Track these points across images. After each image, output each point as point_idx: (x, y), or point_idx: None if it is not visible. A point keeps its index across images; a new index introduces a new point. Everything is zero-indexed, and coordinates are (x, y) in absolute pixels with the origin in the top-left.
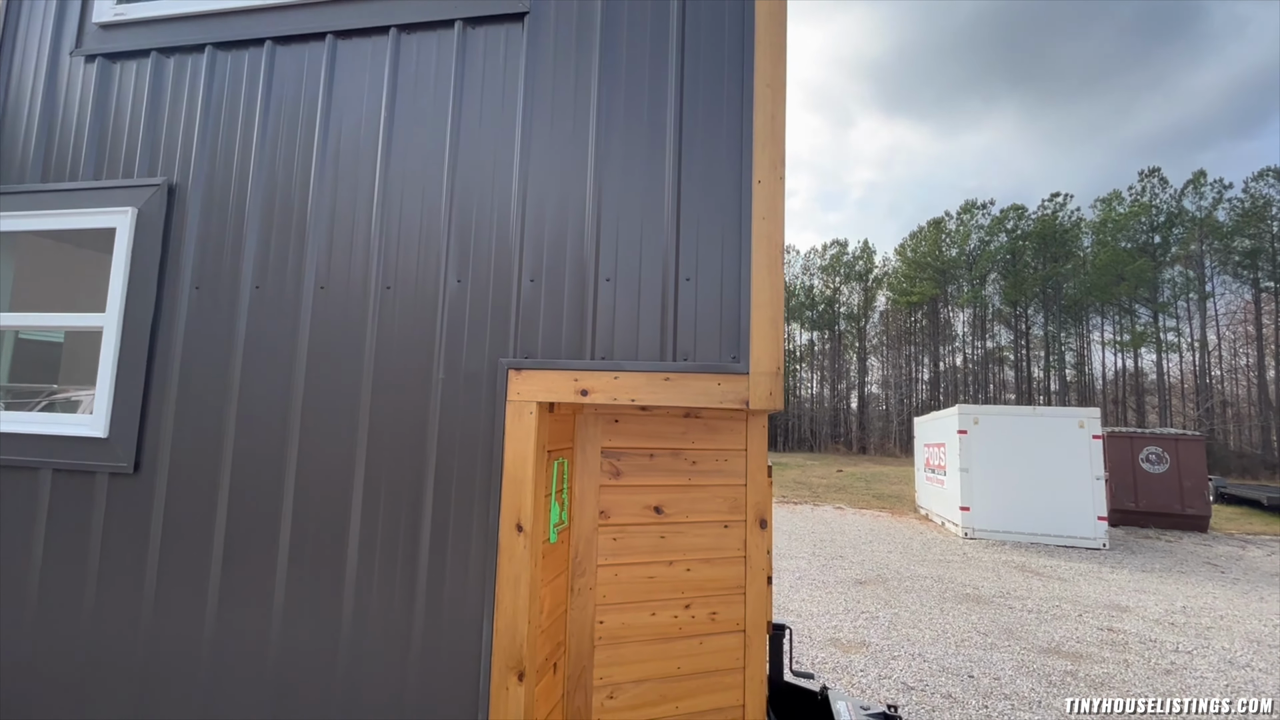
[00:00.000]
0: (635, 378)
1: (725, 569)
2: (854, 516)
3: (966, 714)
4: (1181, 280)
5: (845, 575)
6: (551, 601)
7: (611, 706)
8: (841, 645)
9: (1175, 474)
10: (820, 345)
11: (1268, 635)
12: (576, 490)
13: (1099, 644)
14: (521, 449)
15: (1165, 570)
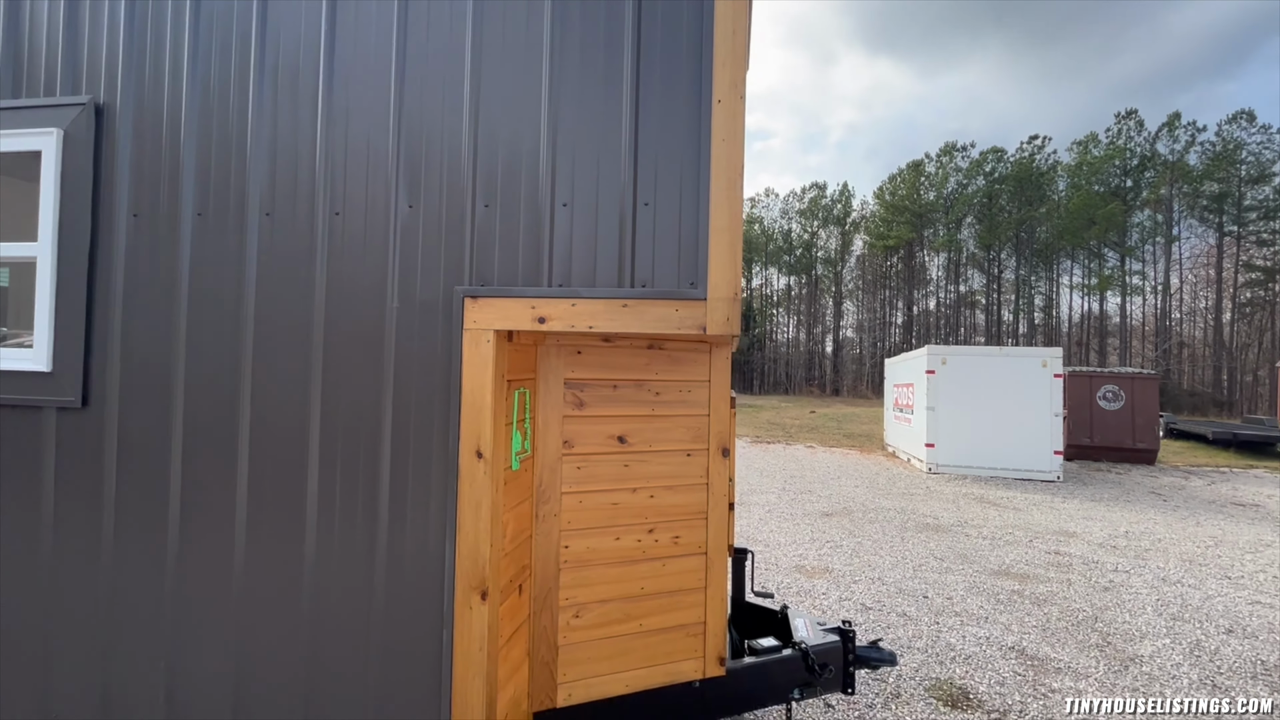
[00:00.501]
0: (593, 305)
1: (688, 495)
2: (824, 454)
3: (919, 630)
4: (1150, 224)
5: (813, 508)
6: (515, 527)
7: (577, 625)
8: (806, 571)
9: (1129, 411)
10: (797, 290)
11: (1199, 555)
12: (540, 421)
13: (1045, 566)
14: (479, 377)
15: (1112, 499)
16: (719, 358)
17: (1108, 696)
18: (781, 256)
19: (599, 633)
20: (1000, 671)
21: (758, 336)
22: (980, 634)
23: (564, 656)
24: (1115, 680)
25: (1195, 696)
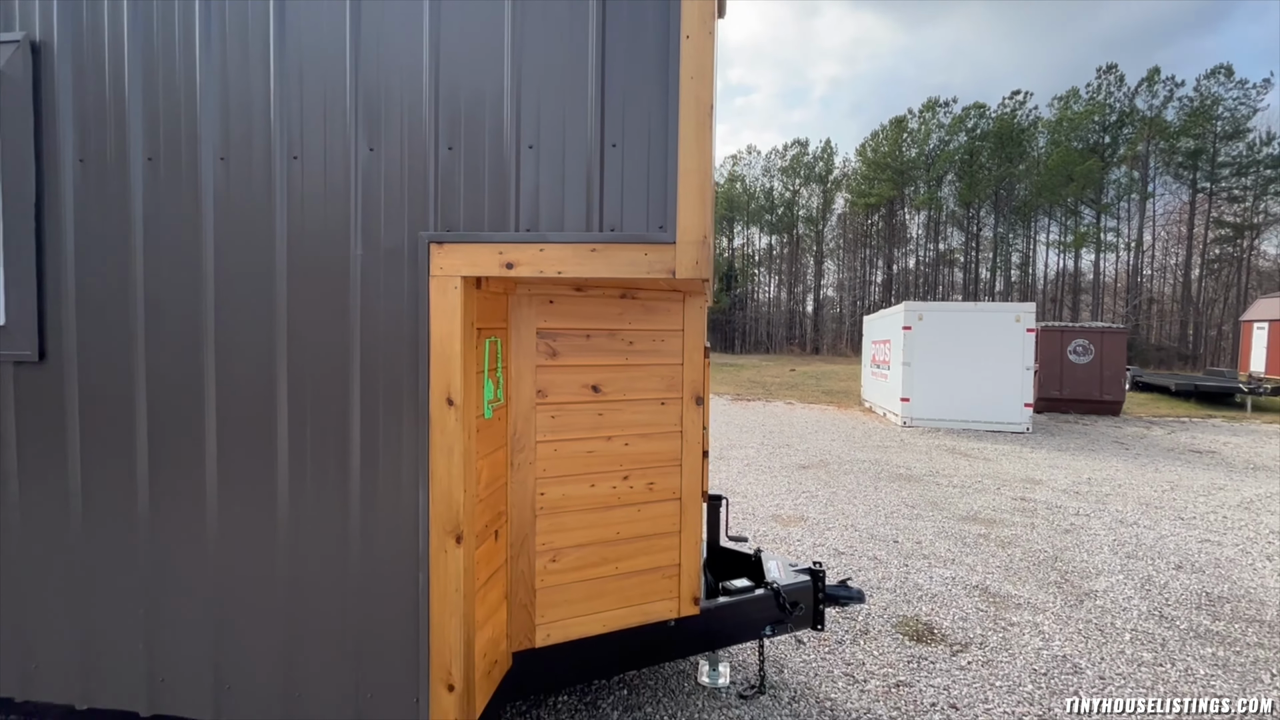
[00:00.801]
0: (562, 250)
1: (662, 443)
2: (803, 410)
3: (888, 572)
4: (1126, 181)
5: (790, 461)
6: (490, 474)
7: (554, 569)
8: (782, 520)
9: (1098, 364)
10: (779, 249)
11: (1156, 499)
12: (513, 370)
13: (1011, 511)
14: (448, 325)
15: (1078, 449)
16: (692, 307)
17: (1107, 697)
18: (763, 215)
19: (576, 576)
20: (964, 608)
21: (739, 296)
22: (946, 575)
23: (542, 599)
24: (1070, 614)
25: (1145, 625)
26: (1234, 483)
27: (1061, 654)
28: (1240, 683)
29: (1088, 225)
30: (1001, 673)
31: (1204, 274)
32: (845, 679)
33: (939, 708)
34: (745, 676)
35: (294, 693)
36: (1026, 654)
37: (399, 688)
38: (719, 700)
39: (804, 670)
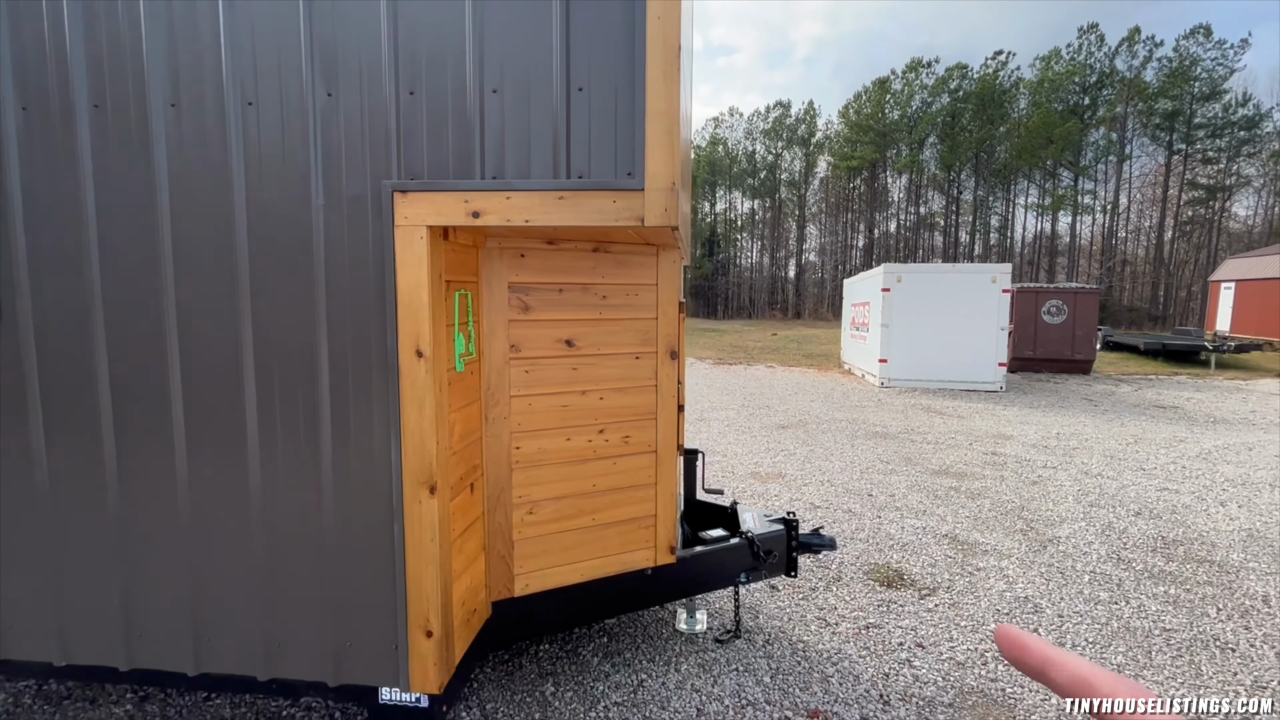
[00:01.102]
0: (528, 197)
1: (637, 397)
2: (783, 373)
3: (862, 524)
4: (1104, 143)
5: (769, 421)
6: (464, 428)
7: (531, 521)
8: (760, 477)
9: (1071, 324)
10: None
11: (1120, 451)
12: (485, 325)
13: (982, 465)
14: (415, 276)
15: (1048, 406)
16: (666, 261)
17: (1106, 698)
18: (745, 179)
19: (553, 527)
20: (933, 555)
21: (721, 261)
22: (917, 525)
23: (519, 550)
24: (1034, 558)
25: (1103, 568)
26: (1194, 436)
27: (1024, 595)
28: (1189, 617)
29: (1065, 188)
30: (966, 613)
31: (1176, 236)
32: (818, 623)
33: (906, 646)
34: (722, 623)
35: (275, 643)
36: (991, 596)
37: (378, 635)
38: (696, 645)
39: (779, 615)
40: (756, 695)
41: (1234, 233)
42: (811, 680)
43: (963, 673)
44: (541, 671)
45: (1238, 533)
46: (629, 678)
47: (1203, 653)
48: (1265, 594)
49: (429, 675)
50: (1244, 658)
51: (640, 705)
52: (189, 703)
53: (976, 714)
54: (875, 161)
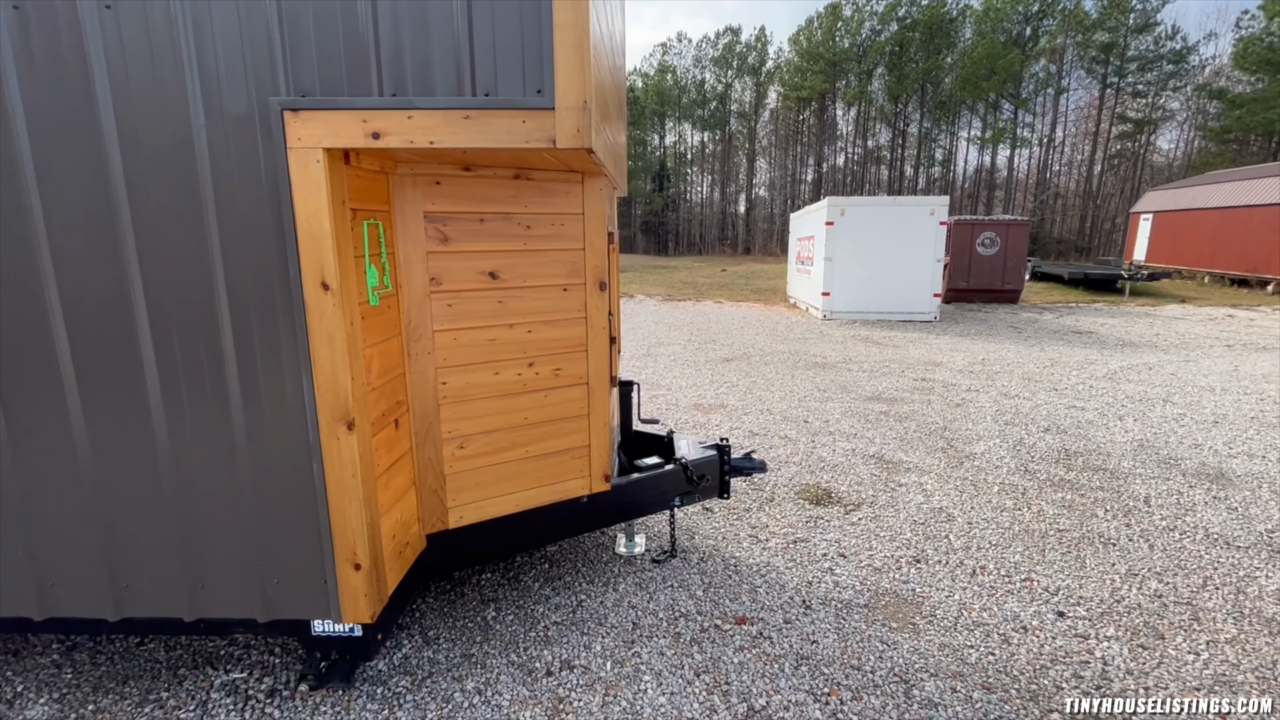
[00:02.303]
0: (432, 117)
1: (567, 330)
2: (731, 309)
3: (796, 448)
4: (1043, 75)
5: (714, 355)
6: (383, 363)
7: (462, 455)
8: (703, 408)
9: (1003, 255)
10: (712, 147)
11: (1037, 374)
12: (401, 257)
13: (911, 390)
14: (314, 203)
15: (977, 334)
16: (592, 189)
17: (1106, 697)
18: (695, 110)
19: (485, 461)
20: (860, 475)
21: (672, 197)
22: (848, 447)
23: (452, 484)
24: (951, 473)
25: (1011, 479)
26: (1104, 358)
27: (939, 506)
28: (1080, 519)
29: (1006, 120)
30: (886, 525)
31: (1104, 169)
32: (750, 540)
33: (829, 557)
34: (660, 545)
35: (197, 585)
36: (909, 509)
37: (306, 571)
38: (634, 566)
39: (713, 535)
40: (689, 607)
41: (1157, 166)
42: (741, 591)
43: (879, 577)
44: (483, 598)
45: (1130, 443)
46: (568, 599)
47: (1088, 549)
48: (1147, 495)
49: (360, 606)
50: (1122, 550)
51: (579, 623)
52: (121, 649)
53: (888, 612)
54: (825, 92)
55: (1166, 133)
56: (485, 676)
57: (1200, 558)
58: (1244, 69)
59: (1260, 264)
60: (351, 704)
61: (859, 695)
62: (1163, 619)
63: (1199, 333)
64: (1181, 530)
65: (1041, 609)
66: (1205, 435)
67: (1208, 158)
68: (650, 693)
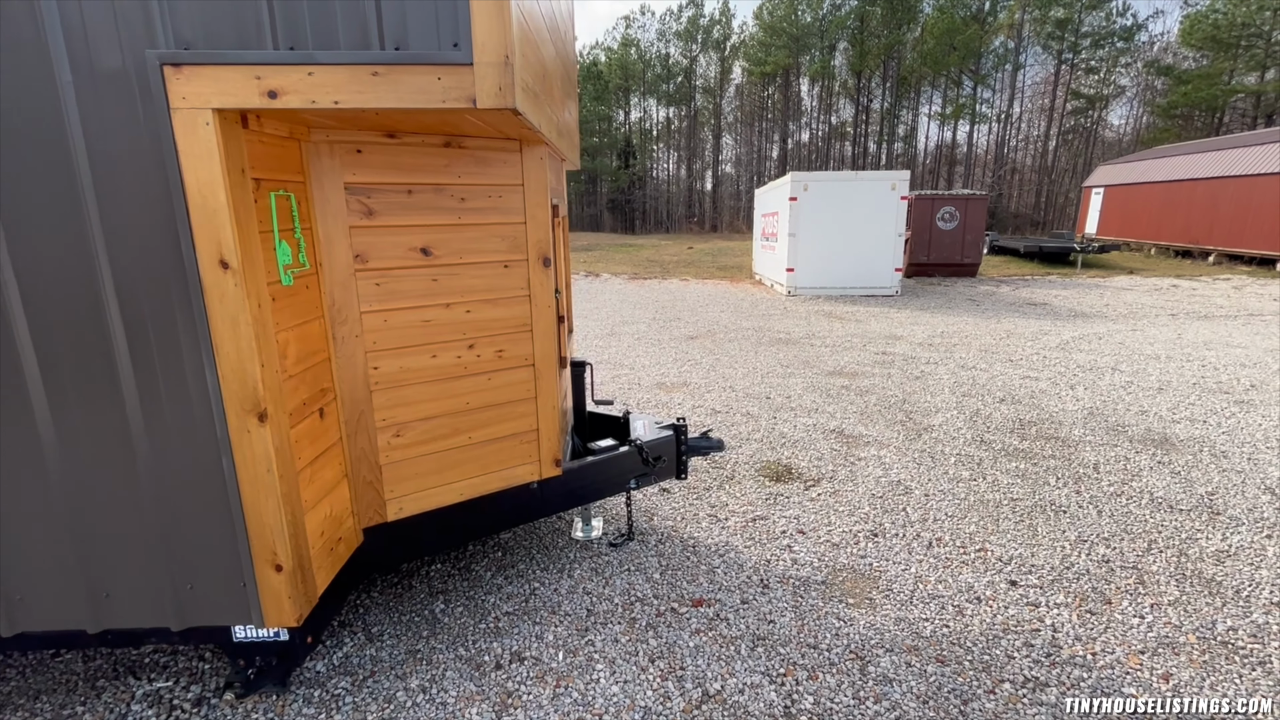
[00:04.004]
0: (335, 73)
1: (509, 309)
2: (696, 286)
3: (758, 425)
4: (1001, 51)
5: (679, 333)
6: (302, 348)
7: (399, 444)
8: (666, 387)
9: (962, 230)
10: (677, 123)
11: (994, 345)
12: (321, 232)
13: (872, 364)
14: (205, 171)
15: (936, 307)
16: (532, 158)
17: (1106, 697)
18: (660, 85)
19: (425, 449)
20: (820, 450)
21: (637, 174)
22: (809, 423)
23: (389, 474)
24: (909, 446)
25: (968, 450)
26: (1057, 329)
27: (897, 480)
28: (1032, 487)
29: (966, 96)
30: (845, 500)
31: (1059, 145)
32: (709, 519)
33: (788, 534)
34: (618, 528)
35: (100, 594)
36: (868, 483)
37: (222, 575)
38: (590, 551)
39: (672, 516)
40: (645, 591)
41: (1108, 141)
42: (699, 573)
43: (836, 553)
44: (432, 590)
45: (1081, 412)
46: (521, 588)
47: (1040, 517)
48: (1096, 463)
49: (284, 609)
50: (1073, 518)
51: (531, 613)
52: (34, 661)
53: (845, 588)
54: (789, 68)
55: (1117, 109)
56: (431, 673)
57: (1145, 522)
58: (1190, 45)
59: (1202, 236)
60: (286, 709)
61: (814, 674)
62: (1110, 584)
63: (1145, 303)
64: (1128, 496)
65: (995, 579)
66: (1151, 402)
67: (1155, 133)
68: (603, 682)
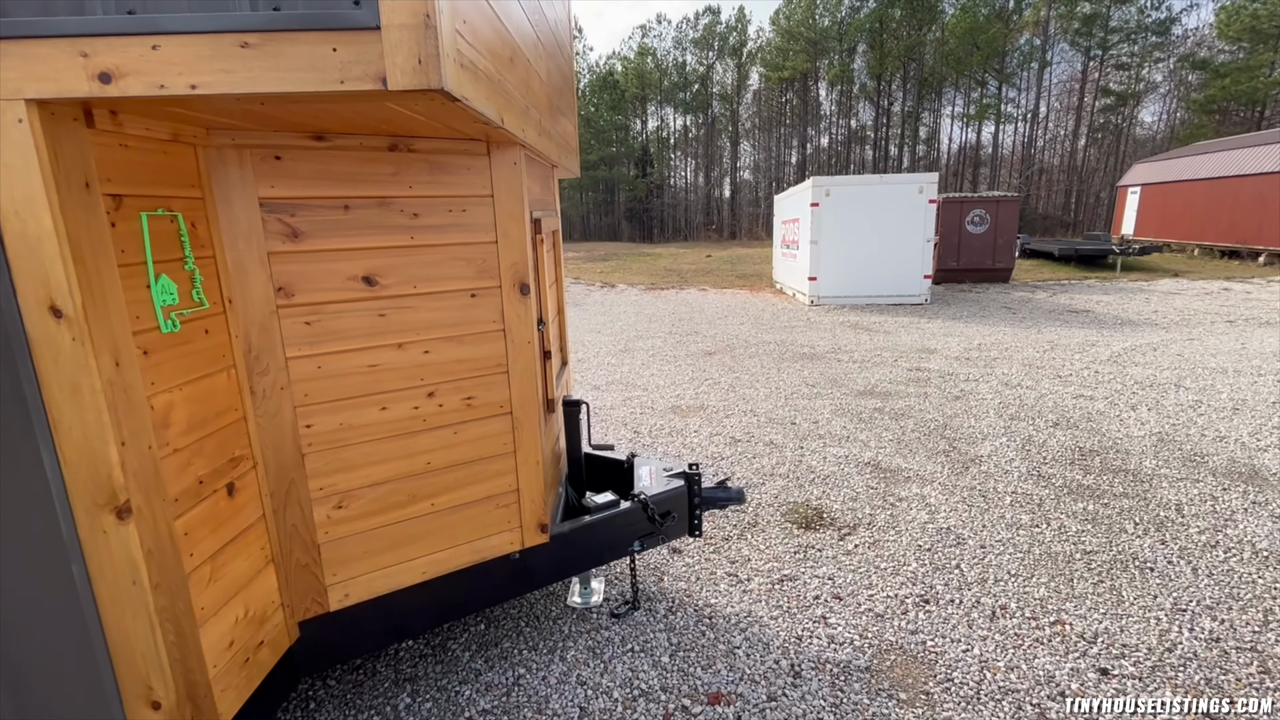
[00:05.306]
0: (190, 45)
1: (479, 347)
2: (715, 296)
3: (783, 456)
4: (1027, 49)
5: (696, 348)
6: (196, 411)
7: (343, 516)
8: (680, 411)
9: (993, 233)
10: (695, 131)
11: (1038, 359)
12: (229, 260)
13: (906, 382)
14: (24, 187)
15: (971, 316)
16: (503, 163)
17: (1106, 697)
18: (677, 93)
19: (376, 521)
20: (855, 487)
21: (655, 182)
22: (840, 453)
23: (330, 554)
24: (956, 482)
25: (1024, 486)
26: (1105, 339)
27: (946, 526)
28: (1107, 535)
29: (990, 96)
30: (887, 554)
31: (1089, 144)
32: (728, 580)
33: (822, 600)
34: (621, 591)
35: None
36: (912, 530)
37: (82, 716)
38: (589, 623)
39: (685, 575)
40: (651, 682)
41: (1140, 139)
42: (716, 654)
43: (881, 626)
44: (399, 676)
45: (1149, 437)
46: (504, 675)
47: (1122, 575)
48: (1178, 502)
49: None
50: (1163, 578)
51: (513, 710)
52: None
53: (894, 676)
54: (807, 73)
55: (1149, 105)
56: None
57: (1254, 584)
58: (1227, 38)
59: (1251, 235)
60: None
61: None
62: (1227, 673)
63: (1198, 308)
64: (1225, 547)
65: (1079, 664)
66: (1227, 425)
67: (1191, 129)
68: None
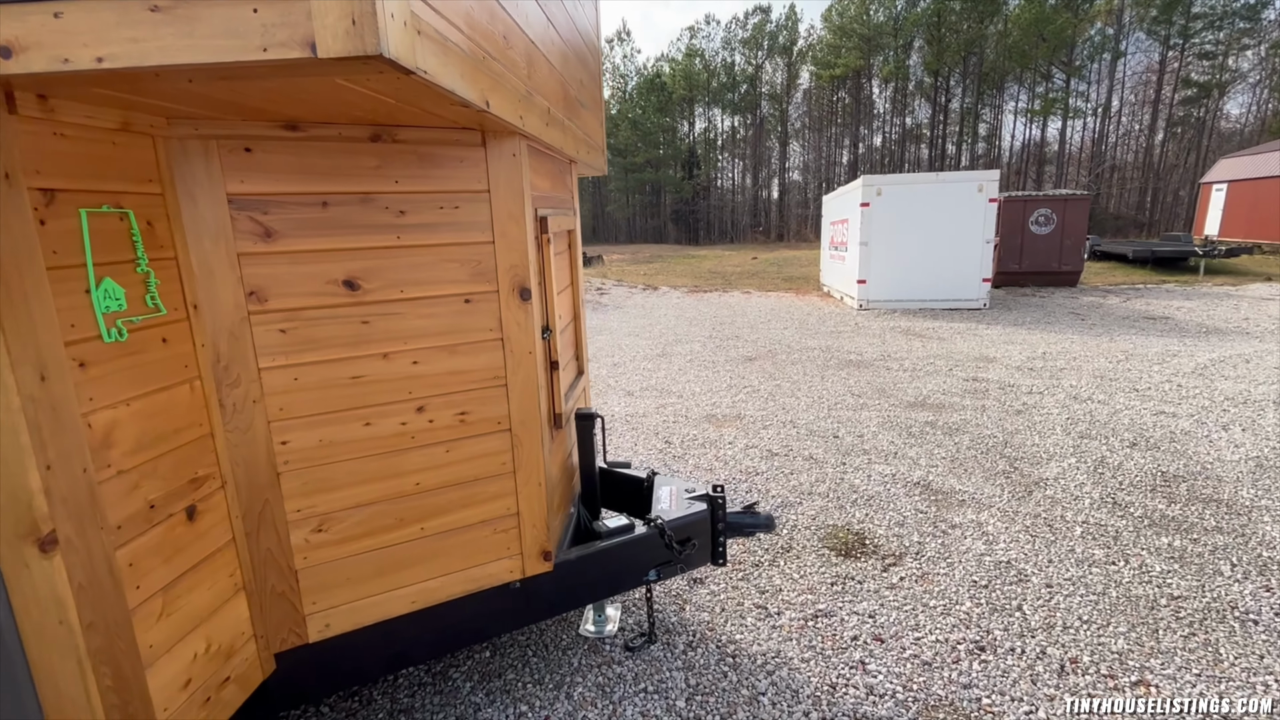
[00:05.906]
0: (95, 11)
1: (474, 357)
2: (759, 299)
3: (824, 473)
4: (1098, 39)
5: (737, 354)
6: (150, 427)
7: (322, 541)
8: (716, 421)
9: (1059, 234)
10: (743, 132)
11: (1110, 370)
12: (194, 263)
13: (961, 393)
14: None
15: (1034, 322)
16: (501, 155)
17: (1106, 696)
18: (725, 95)
19: (358, 546)
20: (902, 511)
21: (702, 184)
22: (886, 471)
23: (308, 582)
24: (1018, 508)
25: (1097, 516)
26: (1188, 348)
27: (1005, 559)
28: (1199, 578)
29: (1057, 90)
30: (937, 589)
31: (1166, 138)
32: (756, 613)
33: (861, 641)
34: (638, 620)
35: None
36: (966, 563)
37: None
38: (600, 656)
39: (709, 605)
40: None
41: (1225, 133)
42: (738, 702)
43: (929, 677)
44: (395, 707)
45: (1244, 462)
46: (504, 711)
47: (1219, 628)
48: None
49: None
50: (1269, 633)
51: None
52: None
53: None
54: (860, 70)
55: (1236, 96)
56: None
57: None
58: None
59: None
60: None
61: None
62: None
63: None
64: None
65: None
66: None
67: None
68: None
